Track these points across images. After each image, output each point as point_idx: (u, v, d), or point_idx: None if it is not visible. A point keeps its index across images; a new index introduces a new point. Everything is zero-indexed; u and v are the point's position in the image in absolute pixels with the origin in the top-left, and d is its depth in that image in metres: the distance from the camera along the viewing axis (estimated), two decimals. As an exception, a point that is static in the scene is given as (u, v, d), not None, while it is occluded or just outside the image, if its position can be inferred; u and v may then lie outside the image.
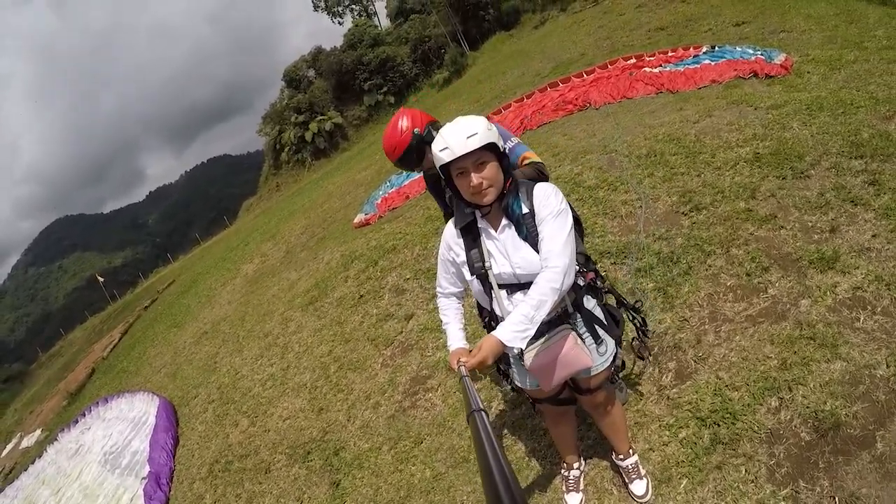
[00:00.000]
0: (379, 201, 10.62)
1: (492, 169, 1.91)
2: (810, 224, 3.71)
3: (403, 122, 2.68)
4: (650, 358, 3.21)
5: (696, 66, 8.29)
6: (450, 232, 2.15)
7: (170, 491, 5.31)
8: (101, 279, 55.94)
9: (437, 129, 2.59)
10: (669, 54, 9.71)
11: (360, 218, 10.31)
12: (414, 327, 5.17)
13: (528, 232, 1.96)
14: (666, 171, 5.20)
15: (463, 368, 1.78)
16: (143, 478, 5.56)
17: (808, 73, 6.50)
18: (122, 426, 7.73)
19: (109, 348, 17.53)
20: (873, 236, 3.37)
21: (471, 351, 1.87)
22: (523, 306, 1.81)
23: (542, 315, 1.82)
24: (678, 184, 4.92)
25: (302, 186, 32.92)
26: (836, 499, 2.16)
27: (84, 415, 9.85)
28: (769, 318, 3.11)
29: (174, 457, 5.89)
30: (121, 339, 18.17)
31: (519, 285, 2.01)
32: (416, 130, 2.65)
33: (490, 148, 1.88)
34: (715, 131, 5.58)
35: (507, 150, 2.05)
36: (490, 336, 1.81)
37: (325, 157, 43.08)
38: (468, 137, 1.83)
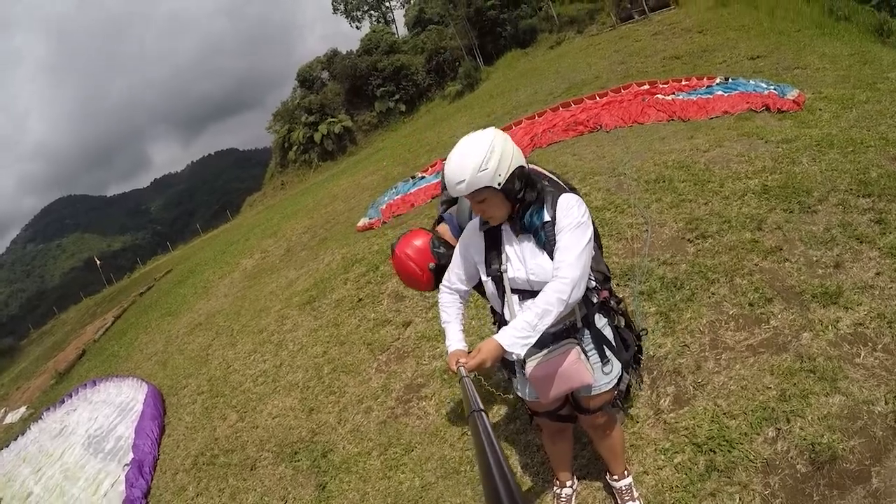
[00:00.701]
0: (384, 207, 10.62)
1: (490, 205, 1.92)
2: (815, 258, 3.72)
3: (414, 267, 2.54)
4: (640, 384, 3.20)
5: (709, 96, 8.33)
6: (473, 229, 2.15)
7: (152, 480, 5.25)
8: (99, 262, 55.81)
9: (440, 242, 2.54)
10: (683, 83, 9.76)
11: (363, 222, 10.31)
12: (411, 335, 5.15)
13: (548, 240, 1.94)
14: (674, 198, 5.22)
15: (463, 369, 1.77)
16: (126, 464, 5.50)
17: (820, 110, 6.54)
18: (109, 410, 7.66)
19: (101, 331, 17.38)
20: (877, 274, 3.38)
21: (470, 352, 1.86)
22: (527, 313, 1.81)
23: (545, 324, 1.80)
24: (685, 210, 4.94)
25: (307, 186, 32.94)
26: (830, 534, 2.15)
27: (71, 396, 9.76)
28: (770, 349, 3.10)
29: (159, 446, 5.84)
30: (114, 322, 18.01)
31: (532, 292, 1.99)
32: (431, 265, 2.53)
33: (484, 189, 1.86)
34: (724, 161, 5.61)
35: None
36: (491, 339, 1.81)
37: (332, 159, 43.09)
38: (457, 184, 1.84)
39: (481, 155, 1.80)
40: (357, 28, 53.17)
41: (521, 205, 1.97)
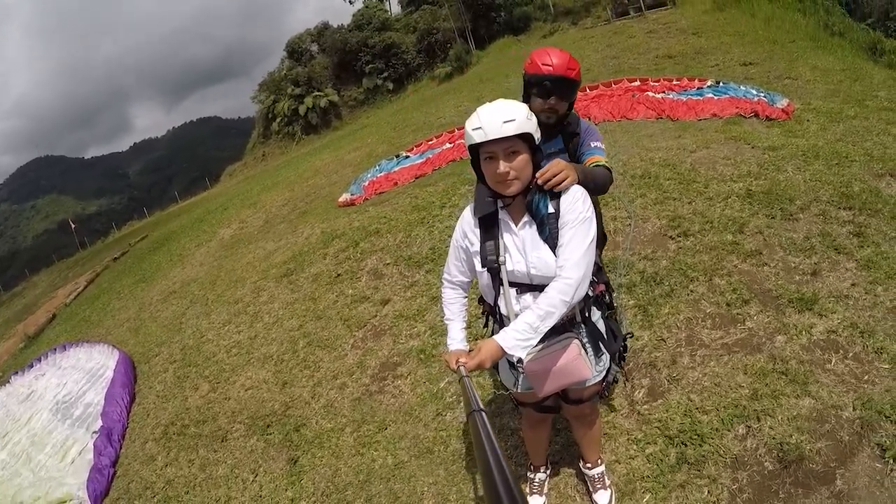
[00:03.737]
0: (366, 183, 10.51)
1: (522, 160, 1.83)
2: (793, 265, 3.80)
3: (572, 63, 2.44)
4: (623, 376, 3.26)
5: (699, 97, 8.39)
6: (467, 219, 2.07)
7: (121, 448, 5.18)
8: (73, 225, 54.52)
9: None
10: (674, 82, 9.79)
11: (345, 197, 10.20)
12: (389, 313, 5.14)
13: (550, 233, 1.87)
14: (658, 194, 5.27)
15: (463, 369, 1.77)
16: (95, 432, 5.41)
17: (808, 121, 6.63)
18: (78, 376, 7.51)
19: (73, 295, 16.97)
20: (853, 285, 3.47)
21: (470, 351, 1.85)
22: (529, 315, 1.77)
23: (547, 326, 1.78)
24: (669, 208, 4.99)
25: (289, 159, 32.47)
26: (792, 530, 2.22)
27: (40, 360, 9.51)
28: (744, 349, 3.17)
29: (129, 414, 5.76)
30: (86, 287, 17.59)
31: (530, 286, 1.94)
32: (576, 77, 2.45)
33: (525, 138, 1.81)
34: (711, 163, 5.66)
35: (582, 144, 2.17)
36: (491, 340, 1.78)
37: (316, 133, 42.48)
38: (505, 122, 1.75)
39: (525, 108, 1.83)
40: (350, 3, 52.15)
41: (536, 180, 1.91)
